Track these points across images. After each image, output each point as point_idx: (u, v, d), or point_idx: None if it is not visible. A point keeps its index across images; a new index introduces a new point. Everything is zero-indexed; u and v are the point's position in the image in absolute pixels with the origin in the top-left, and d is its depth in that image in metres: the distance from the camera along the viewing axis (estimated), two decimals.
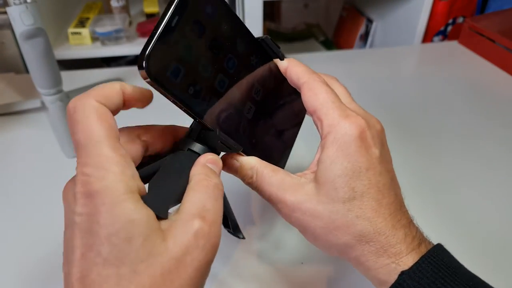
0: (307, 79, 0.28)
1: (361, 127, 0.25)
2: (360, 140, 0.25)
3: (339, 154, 0.25)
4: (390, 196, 0.26)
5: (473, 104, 0.62)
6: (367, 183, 0.25)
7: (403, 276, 0.24)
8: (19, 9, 0.45)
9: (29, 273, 0.37)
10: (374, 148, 0.26)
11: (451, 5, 0.88)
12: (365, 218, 0.25)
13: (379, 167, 0.26)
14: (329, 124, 0.25)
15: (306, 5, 1.35)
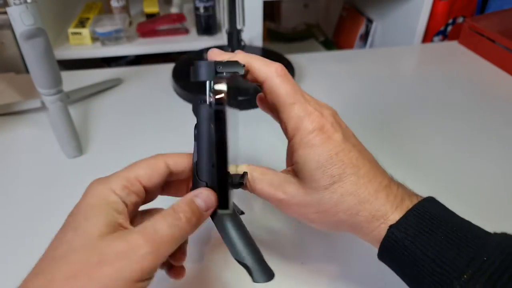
0: (265, 76, 0.30)
1: (319, 121, 0.28)
2: (321, 132, 0.28)
3: (308, 151, 0.28)
4: (365, 166, 0.28)
5: (473, 104, 0.62)
6: (340, 164, 0.28)
7: (391, 229, 0.26)
8: (19, 9, 0.45)
9: (28, 271, 0.37)
10: (335, 133, 0.29)
11: (451, 5, 0.88)
12: (348, 193, 0.27)
13: (346, 146, 0.28)
14: (292, 128, 0.29)
15: (306, 5, 1.35)
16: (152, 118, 0.59)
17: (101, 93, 0.65)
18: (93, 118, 0.59)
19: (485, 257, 0.23)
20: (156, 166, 0.29)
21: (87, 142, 0.54)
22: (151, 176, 0.28)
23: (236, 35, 0.64)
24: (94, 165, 0.50)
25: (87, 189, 0.28)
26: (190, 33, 0.98)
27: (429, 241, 0.25)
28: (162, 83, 0.68)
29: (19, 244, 0.40)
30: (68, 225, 0.26)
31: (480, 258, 0.23)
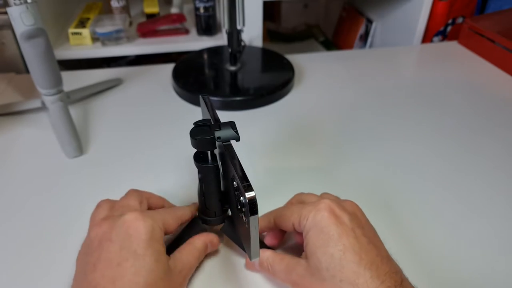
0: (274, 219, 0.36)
1: (328, 206, 0.31)
2: (329, 215, 0.30)
3: (316, 232, 0.30)
4: (368, 257, 0.29)
5: (472, 104, 0.62)
6: (342, 247, 0.29)
7: None
8: (20, 9, 0.45)
9: (29, 272, 0.37)
10: (344, 218, 0.30)
11: (451, 5, 0.88)
12: (348, 282, 0.28)
13: (353, 232, 0.30)
14: (304, 218, 0.32)
15: (306, 6, 1.35)
16: (152, 118, 0.59)
17: (101, 93, 0.65)
18: (94, 118, 0.59)
19: None
20: (182, 219, 0.36)
21: (87, 142, 0.54)
22: (176, 226, 0.35)
23: (236, 35, 0.64)
24: (94, 165, 0.50)
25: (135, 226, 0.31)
26: (190, 33, 0.98)
27: None
28: (162, 83, 0.68)
29: (19, 244, 0.40)
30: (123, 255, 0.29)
31: None
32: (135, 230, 0.30)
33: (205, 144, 0.32)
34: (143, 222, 0.30)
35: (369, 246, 0.29)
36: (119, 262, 0.28)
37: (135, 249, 0.29)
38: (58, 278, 0.36)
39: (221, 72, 0.69)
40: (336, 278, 0.28)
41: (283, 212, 0.35)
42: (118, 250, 0.29)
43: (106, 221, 0.31)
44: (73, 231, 0.41)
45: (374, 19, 1.06)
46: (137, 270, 0.28)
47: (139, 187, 0.46)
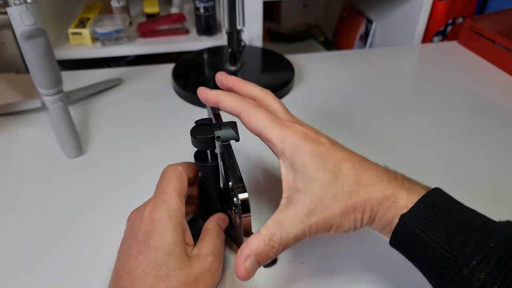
0: (241, 108, 0.32)
1: (303, 131, 0.31)
2: (307, 139, 0.30)
3: (303, 158, 0.30)
4: (356, 158, 0.31)
5: (472, 104, 0.62)
6: (334, 161, 0.30)
7: (403, 218, 0.28)
8: (20, 9, 0.45)
9: (28, 272, 0.37)
10: (322, 138, 0.31)
11: (451, 5, 0.88)
12: (354, 183, 0.29)
13: (334, 147, 0.31)
14: (279, 140, 0.30)
15: (306, 6, 1.35)
16: (152, 118, 0.60)
17: (101, 93, 0.65)
18: (94, 118, 0.59)
19: (493, 243, 0.24)
20: (181, 175, 0.34)
21: (87, 142, 0.54)
22: (184, 186, 0.34)
23: (236, 35, 0.64)
24: (94, 165, 0.50)
25: (153, 210, 0.31)
26: (190, 33, 0.98)
27: (439, 229, 0.26)
28: (162, 83, 0.68)
29: (19, 244, 0.40)
30: (143, 245, 0.30)
31: (487, 245, 0.24)
32: (152, 226, 0.31)
33: (204, 143, 0.32)
34: (157, 213, 0.31)
35: (351, 153, 0.31)
36: (135, 255, 0.30)
37: (149, 242, 0.30)
38: (58, 278, 0.36)
39: None
40: (345, 186, 0.29)
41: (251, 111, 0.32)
42: (136, 245, 0.30)
43: (134, 214, 0.33)
44: (73, 231, 0.41)
45: (374, 19, 1.06)
46: (149, 263, 0.29)
47: (139, 187, 0.46)
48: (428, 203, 0.27)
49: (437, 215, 0.27)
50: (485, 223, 0.26)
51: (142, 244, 0.30)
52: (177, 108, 0.62)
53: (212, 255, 0.32)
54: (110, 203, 0.44)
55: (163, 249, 0.29)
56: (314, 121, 0.34)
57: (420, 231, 0.27)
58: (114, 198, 0.40)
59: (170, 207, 0.31)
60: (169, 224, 0.30)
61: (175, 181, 0.34)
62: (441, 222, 0.26)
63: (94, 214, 0.42)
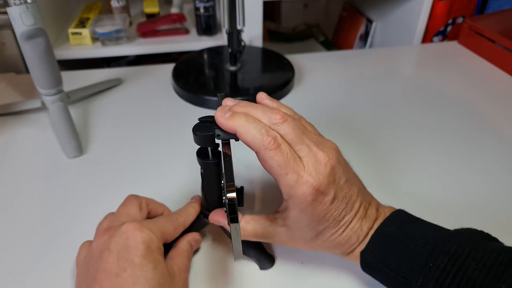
0: (257, 149, 0.30)
1: (312, 187, 0.30)
2: (312, 198, 0.30)
3: (299, 215, 0.31)
4: (345, 216, 0.32)
5: (472, 104, 0.62)
6: (326, 224, 0.31)
7: (363, 254, 0.32)
8: (20, 9, 0.45)
9: (28, 272, 0.37)
10: (327, 197, 0.30)
11: (451, 5, 0.88)
12: (333, 243, 0.32)
13: (333, 205, 0.31)
14: (286, 194, 0.31)
15: (306, 5, 1.35)
16: (152, 118, 0.59)
17: (101, 93, 0.65)
18: (93, 118, 0.59)
19: (431, 263, 0.28)
20: (185, 226, 0.37)
21: (87, 142, 0.54)
22: (176, 235, 0.36)
23: (236, 35, 0.64)
24: (94, 165, 0.50)
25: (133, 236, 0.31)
26: (190, 33, 0.98)
27: (392, 258, 0.30)
28: (162, 83, 0.68)
29: (19, 244, 0.40)
30: (125, 261, 0.29)
31: (427, 265, 0.28)
32: (133, 241, 0.30)
33: (204, 140, 0.32)
34: (140, 232, 0.30)
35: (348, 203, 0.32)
36: (117, 273, 0.28)
37: (132, 259, 0.29)
38: (58, 278, 0.36)
39: (221, 72, 0.69)
40: (324, 240, 0.32)
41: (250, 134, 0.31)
42: (116, 260, 0.29)
43: (106, 231, 0.32)
44: (73, 231, 0.41)
45: (374, 19, 1.06)
46: (135, 280, 0.28)
47: (139, 187, 0.46)
48: (381, 235, 0.31)
49: (389, 245, 0.31)
50: (428, 242, 0.30)
51: (124, 260, 0.29)
52: (177, 108, 0.62)
53: (184, 272, 0.34)
54: (110, 203, 0.44)
55: (148, 266, 0.29)
56: (314, 121, 0.34)
57: (378, 263, 0.31)
58: (114, 198, 0.40)
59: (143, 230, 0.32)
60: (151, 244, 0.31)
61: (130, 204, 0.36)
62: (393, 252, 0.30)
63: (94, 214, 0.42)
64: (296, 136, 0.31)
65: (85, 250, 0.33)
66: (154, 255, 0.30)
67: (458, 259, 0.28)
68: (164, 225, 0.34)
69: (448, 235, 0.30)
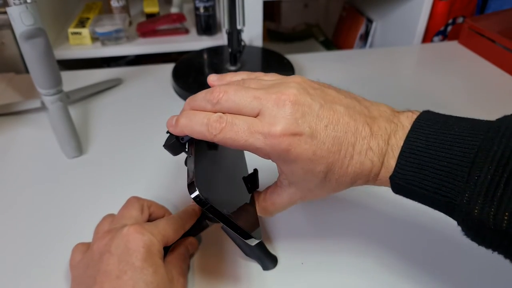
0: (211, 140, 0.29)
1: (279, 135, 0.27)
2: (288, 144, 0.27)
3: (291, 166, 0.28)
4: (345, 133, 0.28)
5: (473, 104, 0.62)
6: (323, 161, 0.27)
7: (393, 179, 0.27)
8: (19, 9, 0.45)
9: (28, 272, 0.37)
10: (303, 135, 0.27)
11: (451, 5, 0.88)
12: (340, 175, 0.28)
13: (320, 135, 0.27)
14: (264, 155, 0.28)
15: (306, 5, 1.35)
16: (152, 118, 0.59)
17: (101, 93, 0.65)
18: (93, 118, 0.59)
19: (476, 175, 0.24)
20: (185, 229, 0.36)
21: (87, 142, 0.54)
22: (176, 238, 0.35)
23: (236, 35, 0.64)
24: (94, 165, 0.50)
25: (134, 239, 0.31)
26: (190, 33, 0.98)
27: (428, 178, 0.26)
28: (162, 83, 0.68)
29: (19, 244, 0.40)
30: (126, 264, 0.29)
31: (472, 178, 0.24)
32: (133, 244, 0.30)
33: (174, 149, 0.33)
34: (141, 235, 0.30)
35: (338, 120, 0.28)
36: (118, 275, 0.28)
37: (133, 262, 0.29)
38: (57, 278, 0.36)
39: (221, 72, 0.68)
40: (333, 181, 0.29)
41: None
42: (117, 263, 0.29)
43: (107, 234, 0.32)
44: (73, 231, 0.41)
45: (374, 19, 1.06)
46: (135, 283, 0.28)
47: (139, 187, 0.46)
48: (411, 152, 0.27)
49: (420, 162, 0.26)
50: (468, 147, 0.25)
51: (125, 263, 0.29)
52: (177, 108, 0.61)
53: (182, 277, 0.34)
54: (110, 203, 0.44)
55: (149, 269, 0.29)
56: None
57: (411, 186, 0.27)
58: (114, 198, 0.40)
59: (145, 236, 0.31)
60: (152, 247, 0.31)
61: (132, 206, 0.36)
62: (426, 169, 0.26)
63: (94, 215, 0.42)
64: (240, 98, 0.28)
65: (80, 252, 0.33)
66: (154, 258, 0.30)
67: (508, 163, 0.23)
68: (165, 228, 0.33)
69: (490, 134, 0.25)
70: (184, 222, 0.36)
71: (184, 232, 0.36)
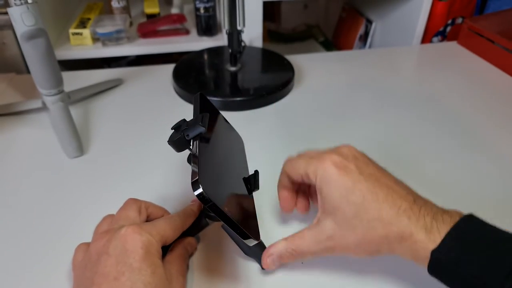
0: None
1: (332, 158, 0.33)
2: (336, 168, 0.32)
3: (329, 186, 0.32)
4: (382, 191, 0.31)
5: (472, 104, 0.63)
6: (359, 193, 0.31)
7: (434, 254, 0.28)
8: (20, 9, 0.45)
9: (28, 272, 0.37)
10: (351, 166, 0.32)
11: (450, 5, 0.88)
12: (374, 219, 0.31)
13: (362, 177, 0.32)
14: (312, 174, 0.33)
15: (306, 6, 1.35)
16: (152, 118, 0.60)
17: (102, 93, 0.65)
18: (94, 118, 0.59)
19: None
20: (184, 228, 0.36)
21: (88, 142, 0.54)
22: (175, 237, 0.35)
23: (236, 35, 0.64)
24: (95, 165, 0.50)
25: (132, 240, 0.31)
26: (190, 33, 0.98)
27: (471, 261, 0.27)
28: (162, 83, 0.68)
29: (19, 244, 0.40)
30: (124, 265, 0.29)
31: None
32: (131, 244, 0.30)
33: (178, 145, 0.33)
34: (139, 236, 0.30)
35: (379, 181, 0.32)
36: (116, 276, 0.28)
37: (131, 263, 0.29)
38: (58, 278, 0.37)
39: (222, 73, 0.69)
40: (364, 220, 0.31)
41: (292, 163, 0.36)
42: (114, 264, 0.29)
43: (105, 234, 0.32)
44: (73, 231, 0.41)
45: (373, 20, 1.06)
46: (133, 284, 0.28)
47: (140, 188, 0.46)
48: (457, 236, 0.28)
49: (468, 246, 0.28)
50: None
51: (123, 264, 0.29)
52: (177, 108, 0.62)
53: (181, 276, 0.34)
54: (110, 203, 0.44)
55: (147, 270, 0.29)
56: (314, 121, 0.35)
57: (453, 264, 0.28)
58: (115, 198, 0.40)
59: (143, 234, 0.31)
60: (150, 248, 0.31)
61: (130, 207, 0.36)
62: (472, 253, 0.28)
63: (95, 215, 0.43)
64: None
65: (82, 252, 0.33)
66: (152, 259, 0.30)
67: None
68: (163, 228, 0.33)
69: None
70: (183, 222, 0.36)
71: (183, 232, 0.36)
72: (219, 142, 0.37)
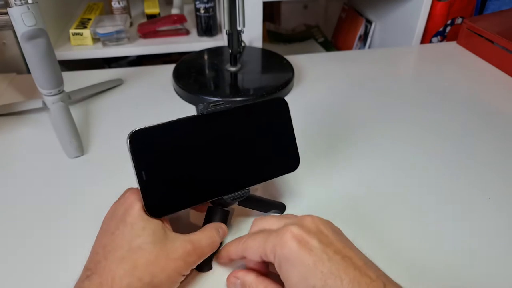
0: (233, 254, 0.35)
1: (292, 235, 0.29)
2: (297, 246, 0.29)
3: (289, 266, 0.29)
4: (348, 275, 0.27)
5: (471, 104, 0.63)
6: (320, 276, 0.27)
7: None
8: (21, 9, 0.45)
9: (28, 272, 0.37)
10: (313, 243, 0.29)
11: (450, 6, 0.89)
12: None
13: (325, 255, 0.28)
14: (271, 253, 0.30)
15: (306, 6, 1.35)
16: (153, 118, 0.60)
17: (102, 93, 0.65)
18: (94, 118, 0.59)
19: None
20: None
21: (88, 142, 0.54)
22: None
23: (236, 36, 0.64)
24: (95, 165, 0.50)
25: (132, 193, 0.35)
26: (190, 34, 0.98)
27: None
28: (163, 83, 0.69)
29: (19, 244, 0.40)
30: (121, 222, 0.33)
31: None
32: (129, 205, 0.33)
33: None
34: (138, 196, 0.34)
35: (345, 263, 0.28)
36: (113, 231, 0.32)
37: (125, 219, 0.32)
38: (58, 278, 0.37)
39: (221, 73, 0.69)
40: None
41: (248, 244, 0.33)
42: (115, 223, 0.33)
43: (114, 204, 0.36)
44: (73, 231, 0.41)
45: (373, 20, 1.07)
46: (124, 235, 0.31)
47: None
48: None
49: None
50: None
51: (120, 221, 0.32)
52: (177, 108, 0.62)
53: (192, 246, 0.33)
54: (111, 203, 0.44)
55: (138, 224, 0.32)
56: (314, 122, 0.35)
57: None
58: (115, 198, 0.40)
59: None
60: None
61: None
62: None
63: (95, 214, 0.43)
64: None
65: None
66: (146, 217, 0.33)
67: None
68: None
69: None
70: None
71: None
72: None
